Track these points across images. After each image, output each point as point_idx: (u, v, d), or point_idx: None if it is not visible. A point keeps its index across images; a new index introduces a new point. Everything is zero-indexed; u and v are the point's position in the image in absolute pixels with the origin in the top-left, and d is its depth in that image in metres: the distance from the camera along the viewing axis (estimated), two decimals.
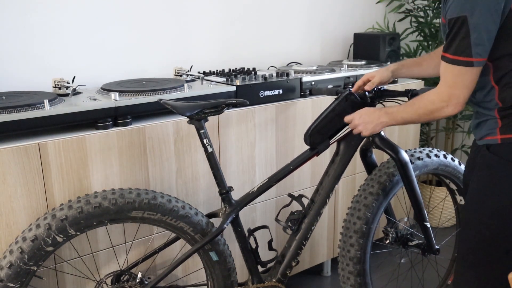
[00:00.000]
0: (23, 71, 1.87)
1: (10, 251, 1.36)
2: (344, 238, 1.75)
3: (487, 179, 1.30)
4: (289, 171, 1.65)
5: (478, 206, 1.31)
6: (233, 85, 1.88)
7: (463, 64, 1.21)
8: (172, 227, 1.54)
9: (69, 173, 1.52)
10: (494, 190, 1.28)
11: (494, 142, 1.26)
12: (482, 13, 1.14)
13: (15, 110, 1.47)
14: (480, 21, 1.15)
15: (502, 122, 1.26)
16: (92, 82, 1.97)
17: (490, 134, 1.28)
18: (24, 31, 1.85)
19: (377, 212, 1.73)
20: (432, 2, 2.76)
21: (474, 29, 1.16)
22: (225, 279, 1.65)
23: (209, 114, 1.54)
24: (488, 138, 1.29)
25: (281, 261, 1.69)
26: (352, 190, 2.34)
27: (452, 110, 1.30)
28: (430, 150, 1.86)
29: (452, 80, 1.26)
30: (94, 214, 1.41)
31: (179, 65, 2.21)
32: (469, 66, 1.20)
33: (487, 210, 1.29)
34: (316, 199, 1.68)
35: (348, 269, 1.73)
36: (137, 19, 2.10)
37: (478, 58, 1.19)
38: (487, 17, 1.14)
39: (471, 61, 1.19)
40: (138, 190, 1.49)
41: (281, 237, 2.12)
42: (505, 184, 1.25)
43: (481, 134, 1.32)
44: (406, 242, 1.85)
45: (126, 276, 1.59)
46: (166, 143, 1.71)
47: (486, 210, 1.29)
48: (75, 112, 1.54)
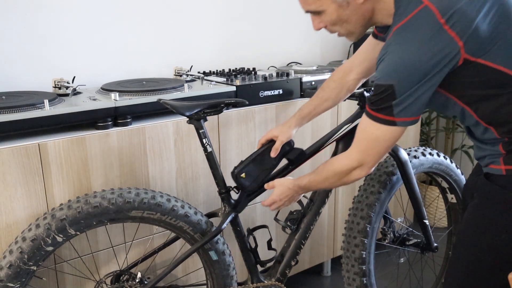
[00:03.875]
0: (23, 71, 1.88)
1: (10, 251, 1.36)
2: (348, 239, 1.75)
3: (485, 211, 1.21)
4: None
5: (473, 240, 1.23)
6: (233, 85, 1.88)
7: (385, 123, 1.16)
8: (171, 226, 1.55)
9: (69, 173, 1.53)
10: (491, 224, 1.19)
11: (498, 172, 1.17)
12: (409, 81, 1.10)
13: (15, 110, 1.48)
14: (406, 89, 1.10)
15: (506, 153, 1.17)
16: (92, 82, 1.98)
17: (493, 163, 1.20)
18: (24, 31, 1.85)
19: (379, 211, 1.74)
20: None
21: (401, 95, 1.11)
22: (225, 279, 1.66)
23: (209, 114, 1.54)
24: (491, 167, 1.20)
25: (280, 261, 1.69)
26: (352, 190, 2.34)
27: (360, 173, 1.28)
28: (424, 149, 1.87)
29: (366, 146, 1.23)
30: (94, 214, 1.41)
31: (179, 65, 2.21)
32: (392, 125, 1.15)
33: (482, 244, 1.20)
34: (315, 198, 1.68)
35: (353, 270, 1.73)
36: (137, 19, 2.11)
37: (401, 118, 1.14)
38: (414, 85, 1.09)
39: (393, 120, 1.14)
40: (137, 190, 1.49)
41: (281, 236, 2.13)
42: (504, 218, 1.17)
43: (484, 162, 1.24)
44: (404, 242, 1.86)
45: (126, 276, 1.59)
46: (166, 143, 1.71)
47: (481, 244, 1.20)
48: (75, 112, 1.55)
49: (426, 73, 1.08)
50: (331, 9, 1.20)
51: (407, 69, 1.09)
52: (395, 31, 1.13)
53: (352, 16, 1.21)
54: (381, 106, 1.14)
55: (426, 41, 1.06)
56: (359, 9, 1.20)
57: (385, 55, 1.13)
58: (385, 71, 1.12)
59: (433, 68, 1.07)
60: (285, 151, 1.61)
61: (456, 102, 1.18)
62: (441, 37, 1.05)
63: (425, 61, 1.07)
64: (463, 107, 1.18)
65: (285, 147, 1.61)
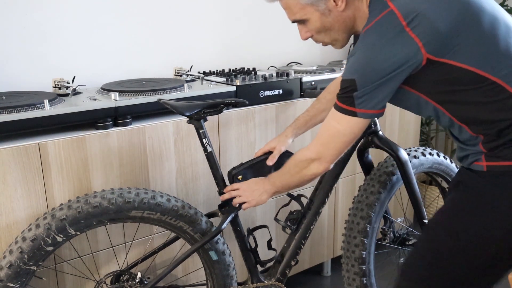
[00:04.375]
0: (23, 71, 1.88)
1: (10, 251, 1.36)
2: (348, 239, 1.75)
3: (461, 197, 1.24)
4: None
5: (442, 222, 1.25)
6: (233, 85, 1.88)
7: (347, 113, 1.21)
8: (171, 226, 1.55)
9: (69, 173, 1.53)
10: (463, 211, 1.21)
11: (479, 169, 1.20)
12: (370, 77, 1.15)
13: (15, 110, 1.48)
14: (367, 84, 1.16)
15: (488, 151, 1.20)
16: (92, 82, 1.98)
17: (476, 160, 1.22)
18: (24, 31, 1.86)
19: (379, 211, 1.74)
20: None
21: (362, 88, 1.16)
22: (225, 279, 1.66)
23: (209, 114, 1.54)
24: (474, 164, 1.23)
25: (280, 261, 1.69)
26: (352, 190, 2.34)
27: (318, 167, 1.32)
28: (424, 149, 1.87)
29: (327, 139, 1.28)
30: (94, 214, 1.41)
31: (179, 65, 2.21)
32: (353, 116, 1.20)
33: (449, 228, 1.22)
34: (315, 198, 1.68)
35: (353, 270, 1.74)
36: (137, 19, 2.11)
37: (361, 110, 1.19)
38: (375, 81, 1.15)
39: (354, 111, 1.20)
40: (137, 190, 1.49)
41: (281, 236, 2.13)
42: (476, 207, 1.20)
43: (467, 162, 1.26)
44: (404, 242, 1.86)
45: (126, 276, 1.59)
46: (166, 143, 1.71)
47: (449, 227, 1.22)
48: (75, 112, 1.55)
49: (387, 71, 1.13)
50: (315, 17, 1.27)
51: (369, 66, 1.15)
52: (362, 34, 1.19)
53: (335, 24, 1.28)
54: (344, 98, 1.20)
55: (388, 41, 1.12)
56: (340, 16, 1.27)
57: (352, 55, 1.19)
58: (349, 68, 1.19)
59: (394, 67, 1.13)
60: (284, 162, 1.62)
61: (427, 101, 1.22)
62: (403, 38, 1.11)
63: (386, 59, 1.13)
64: (435, 105, 1.22)
65: (284, 160, 1.62)
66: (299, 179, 1.40)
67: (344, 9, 1.25)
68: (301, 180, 1.40)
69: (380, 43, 1.13)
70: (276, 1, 1.32)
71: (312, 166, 1.33)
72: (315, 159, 1.32)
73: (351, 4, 1.25)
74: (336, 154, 1.30)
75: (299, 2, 1.27)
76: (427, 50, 1.11)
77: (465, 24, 1.11)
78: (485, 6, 1.15)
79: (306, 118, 1.68)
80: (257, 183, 1.51)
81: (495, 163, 1.18)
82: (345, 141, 1.27)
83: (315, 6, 1.26)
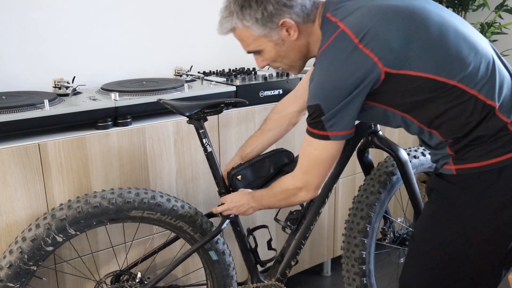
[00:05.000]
0: (23, 71, 1.88)
1: (10, 251, 1.36)
2: (348, 239, 1.75)
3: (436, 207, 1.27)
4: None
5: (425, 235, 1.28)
6: (233, 85, 1.88)
7: (321, 137, 1.21)
8: (171, 226, 1.55)
9: (69, 173, 1.53)
10: (441, 220, 1.24)
11: (449, 172, 1.22)
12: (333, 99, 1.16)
13: (15, 110, 1.48)
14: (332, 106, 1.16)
15: (454, 153, 1.22)
16: (92, 82, 1.98)
17: (445, 164, 1.25)
18: (24, 31, 1.86)
19: (379, 211, 1.74)
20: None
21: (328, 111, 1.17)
22: (225, 279, 1.66)
23: (209, 114, 1.54)
24: (444, 168, 1.25)
25: (280, 261, 1.69)
26: (352, 190, 2.34)
27: (305, 195, 1.32)
28: (424, 149, 1.87)
29: (308, 166, 1.28)
30: (94, 214, 1.41)
31: (179, 65, 2.21)
32: (326, 139, 1.21)
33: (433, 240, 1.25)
34: (315, 198, 1.68)
35: (353, 270, 1.74)
36: (137, 19, 2.11)
37: (333, 132, 1.19)
38: (339, 102, 1.15)
39: (327, 134, 1.20)
40: (137, 190, 1.49)
41: (281, 236, 2.13)
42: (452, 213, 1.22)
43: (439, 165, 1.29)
44: (404, 242, 1.86)
45: (126, 276, 1.59)
46: (166, 143, 1.71)
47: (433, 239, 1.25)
48: (75, 112, 1.55)
49: (348, 90, 1.14)
50: (269, 47, 1.27)
51: (330, 88, 1.15)
52: (318, 57, 1.21)
53: (290, 52, 1.28)
54: (315, 123, 1.21)
55: (344, 61, 1.13)
56: (294, 44, 1.27)
57: (312, 79, 1.20)
58: (312, 93, 1.19)
59: (354, 85, 1.14)
60: (284, 163, 1.62)
61: (394, 112, 1.24)
62: (357, 55, 1.12)
63: (345, 79, 1.13)
64: (402, 115, 1.23)
65: (283, 159, 1.62)
66: (286, 204, 1.41)
67: (297, 37, 1.25)
68: (288, 205, 1.41)
69: (336, 64, 1.14)
70: (231, 33, 1.32)
71: (300, 194, 1.33)
72: (302, 187, 1.31)
73: (304, 31, 1.25)
74: (321, 179, 1.30)
75: (252, 34, 1.26)
76: (383, 64, 1.12)
77: (414, 33, 1.13)
78: (431, 13, 1.17)
79: (253, 139, 1.66)
80: (242, 198, 1.50)
81: (463, 166, 1.20)
82: (326, 165, 1.27)
83: (268, 37, 1.25)
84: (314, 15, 1.24)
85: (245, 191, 1.53)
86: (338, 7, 1.21)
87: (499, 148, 1.16)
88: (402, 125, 1.27)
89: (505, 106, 1.16)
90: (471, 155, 1.18)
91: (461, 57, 1.14)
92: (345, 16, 1.18)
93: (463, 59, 1.14)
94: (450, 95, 1.15)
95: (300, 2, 1.21)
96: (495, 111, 1.15)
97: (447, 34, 1.15)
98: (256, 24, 1.23)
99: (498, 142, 1.16)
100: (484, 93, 1.14)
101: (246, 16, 1.23)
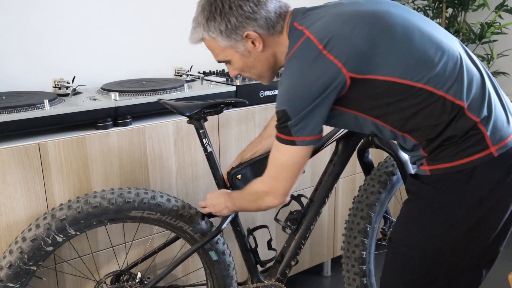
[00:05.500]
0: (23, 71, 1.88)
1: (10, 251, 1.36)
2: (348, 239, 1.75)
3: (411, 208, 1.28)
4: None
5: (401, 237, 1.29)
6: (233, 85, 1.88)
7: (287, 142, 1.22)
8: (171, 226, 1.55)
9: (69, 173, 1.53)
10: (416, 221, 1.26)
11: (424, 173, 1.23)
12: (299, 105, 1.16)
13: (15, 110, 1.48)
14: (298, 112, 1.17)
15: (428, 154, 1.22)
16: (92, 82, 1.97)
17: (421, 165, 1.25)
18: (24, 31, 1.86)
19: (379, 211, 1.74)
20: (432, 2, 2.76)
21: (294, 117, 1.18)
22: (225, 279, 1.66)
23: (209, 114, 1.54)
24: (420, 168, 1.25)
25: (280, 261, 1.69)
26: (352, 190, 2.34)
27: (272, 200, 1.32)
28: None
29: (275, 172, 1.29)
30: (94, 214, 1.41)
31: (179, 65, 2.21)
32: (292, 145, 1.21)
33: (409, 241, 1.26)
34: (315, 198, 1.68)
35: (353, 270, 1.73)
36: (137, 19, 2.11)
37: (299, 137, 1.20)
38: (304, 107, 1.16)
39: (293, 140, 1.20)
40: (137, 190, 1.49)
41: (281, 236, 2.13)
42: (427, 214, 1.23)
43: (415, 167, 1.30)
44: None
45: (126, 276, 1.59)
46: (166, 143, 1.71)
47: (409, 241, 1.26)
48: (75, 112, 1.55)
49: (314, 96, 1.15)
50: (236, 58, 1.29)
51: (295, 94, 1.16)
52: (285, 63, 1.22)
53: (257, 63, 1.30)
54: (281, 128, 1.21)
55: (308, 66, 1.14)
56: (261, 56, 1.28)
57: (280, 84, 1.21)
58: (279, 99, 1.20)
59: (320, 91, 1.14)
60: None
61: (365, 118, 1.24)
62: (322, 61, 1.13)
63: (310, 85, 1.14)
64: (373, 120, 1.23)
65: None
66: (256, 207, 1.41)
67: (263, 49, 1.26)
68: (257, 209, 1.41)
69: (301, 70, 1.15)
70: (201, 42, 1.33)
71: (267, 199, 1.33)
72: (269, 192, 1.31)
73: (270, 42, 1.26)
74: (288, 185, 1.30)
75: (219, 45, 1.27)
76: (348, 69, 1.13)
77: (378, 38, 1.14)
78: (395, 16, 1.18)
79: (252, 144, 1.67)
80: (219, 197, 1.52)
81: (436, 167, 1.20)
82: (292, 171, 1.27)
83: (234, 48, 1.26)
84: (280, 26, 1.25)
85: (225, 190, 1.54)
86: (305, 16, 1.23)
87: (469, 148, 1.16)
88: (376, 130, 1.27)
89: (475, 105, 1.16)
90: (443, 156, 1.18)
91: (427, 59, 1.14)
92: (310, 24, 1.19)
93: (429, 60, 1.14)
94: (417, 97, 1.15)
95: (265, 14, 1.22)
96: (464, 111, 1.15)
97: (412, 36, 1.15)
98: (221, 35, 1.24)
99: (468, 141, 1.16)
100: (452, 93, 1.14)
101: (211, 28, 1.24)
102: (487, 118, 1.16)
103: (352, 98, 1.19)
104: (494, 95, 1.20)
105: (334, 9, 1.22)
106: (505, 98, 1.24)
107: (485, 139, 1.15)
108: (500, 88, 1.26)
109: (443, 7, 2.72)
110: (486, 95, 1.17)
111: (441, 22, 2.75)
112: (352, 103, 1.20)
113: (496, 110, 1.18)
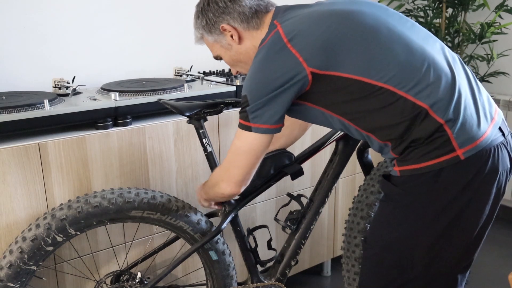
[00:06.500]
0: (23, 71, 1.88)
1: (10, 251, 1.36)
2: (348, 239, 1.75)
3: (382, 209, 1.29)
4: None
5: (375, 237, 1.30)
6: (233, 85, 1.88)
7: (244, 128, 1.25)
8: (171, 226, 1.55)
9: (69, 173, 1.53)
10: (386, 222, 1.26)
11: (395, 174, 1.23)
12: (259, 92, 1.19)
13: (15, 110, 1.48)
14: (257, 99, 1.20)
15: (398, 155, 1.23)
16: (92, 82, 1.98)
17: (393, 166, 1.26)
18: (24, 31, 1.86)
19: None
20: (432, 2, 2.76)
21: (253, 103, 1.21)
22: (225, 279, 1.66)
23: (209, 113, 1.54)
24: (393, 169, 1.26)
25: (280, 261, 1.69)
26: (352, 189, 2.34)
27: (225, 187, 1.34)
28: None
29: (231, 157, 1.31)
30: (94, 214, 1.41)
31: (179, 65, 2.21)
32: (248, 130, 1.24)
33: (382, 242, 1.27)
34: (315, 198, 1.68)
35: (353, 270, 1.73)
36: (137, 19, 2.11)
37: (255, 124, 1.22)
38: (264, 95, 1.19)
39: (249, 125, 1.23)
40: (137, 190, 1.49)
41: (281, 236, 2.13)
42: (396, 215, 1.24)
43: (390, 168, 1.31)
44: None
45: (126, 276, 1.59)
46: (166, 143, 1.71)
47: (381, 242, 1.27)
48: (75, 112, 1.55)
49: (273, 86, 1.18)
50: (222, 52, 1.37)
51: (257, 82, 1.20)
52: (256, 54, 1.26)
53: (240, 56, 1.35)
54: (242, 114, 1.25)
55: (272, 57, 1.19)
56: (240, 49, 1.34)
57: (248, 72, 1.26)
58: (244, 85, 1.24)
59: (279, 82, 1.17)
60: (284, 164, 1.62)
61: (331, 115, 1.25)
62: (284, 54, 1.17)
63: (270, 75, 1.18)
64: (339, 118, 1.25)
65: (284, 160, 1.62)
66: (214, 194, 1.43)
67: (240, 42, 1.32)
68: (216, 196, 1.42)
69: (265, 60, 1.19)
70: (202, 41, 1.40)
71: (222, 185, 1.35)
72: (223, 178, 1.34)
73: (247, 35, 1.32)
74: (241, 174, 1.31)
75: (208, 41, 1.37)
76: (309, 65, 1.15)
77: (344, 36, 1.16)
78: (366, 15, 1.19)
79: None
80: (200, 190, 1.55)
81: (404, 168, 1.21)
82: (246, 158, 1.28)
83: (219, 42, 1.34)
84: (256, 23, 1.30)
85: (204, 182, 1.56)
86: (285, 13, 1.27)
87: (436, 150, 1.15)
88: (343, 128, 1.28)
89: (440, 107, 1.14)
90: (411, 157, 1.18)
91: (392, 58, 1.15)
92: (285, 20, 1.23)
93: (392, 60, 1.14)
94: (378, 96, 1.15)
95: (239, 9, 1.29)
96: (428, 112, 1.14)
97: (379, 35, 1.16)
98: (205, 31, 1.34)
99: (434, 143, 1.15)
100: (413, 93, 1.14)
101: (198, 25, 1.35)
102: (454, 120, 1.14)
103: (315, 93, 1.21)
104: (466, 97, 1.17)
105: (311, 8, 1.26)
106: (482, 100, 1.21)
107: (451, 142, 1.14)
108: (481, 90, 1.24)
109: (443, 7, 2.72)
110: (455, 97, 1.15)
111: (441, 22, 2.75)
112: (315, 98, 1.23)
113: (465, 112, 1.15)
